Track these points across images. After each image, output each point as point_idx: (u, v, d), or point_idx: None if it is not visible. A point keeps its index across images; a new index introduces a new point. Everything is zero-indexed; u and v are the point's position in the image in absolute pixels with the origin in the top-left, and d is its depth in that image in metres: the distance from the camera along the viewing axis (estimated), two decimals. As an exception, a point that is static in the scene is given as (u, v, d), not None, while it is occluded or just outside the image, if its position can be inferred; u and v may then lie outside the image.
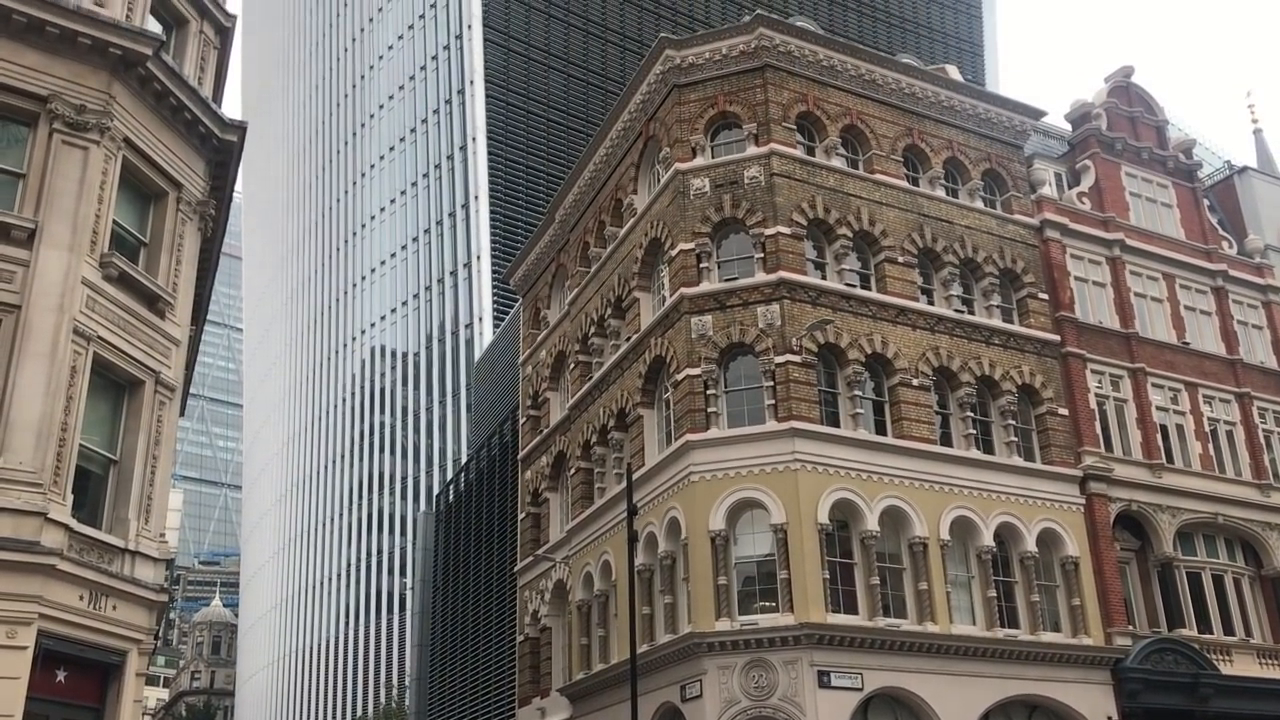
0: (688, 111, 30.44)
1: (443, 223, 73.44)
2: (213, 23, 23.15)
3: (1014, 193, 33.26)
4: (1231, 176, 41.81)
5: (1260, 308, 37.49)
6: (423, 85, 77.11)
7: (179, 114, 21.14)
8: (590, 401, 33.45)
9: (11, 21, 18.84)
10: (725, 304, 28.07)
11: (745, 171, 29.20)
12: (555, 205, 38.08)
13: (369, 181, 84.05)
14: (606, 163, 34.50)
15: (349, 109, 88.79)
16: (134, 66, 19.98)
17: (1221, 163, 57.59)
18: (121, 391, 19.79)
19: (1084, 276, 33.86)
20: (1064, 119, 37.61)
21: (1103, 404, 32.34)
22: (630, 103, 32.78)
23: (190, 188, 21.54)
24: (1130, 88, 38.33)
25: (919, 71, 32.87)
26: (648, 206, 31.13)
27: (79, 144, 19.17)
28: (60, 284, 18.32)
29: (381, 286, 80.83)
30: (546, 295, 39.08)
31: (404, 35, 79.97)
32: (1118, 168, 36.44)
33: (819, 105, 30.66)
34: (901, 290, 29.66)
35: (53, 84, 19.18)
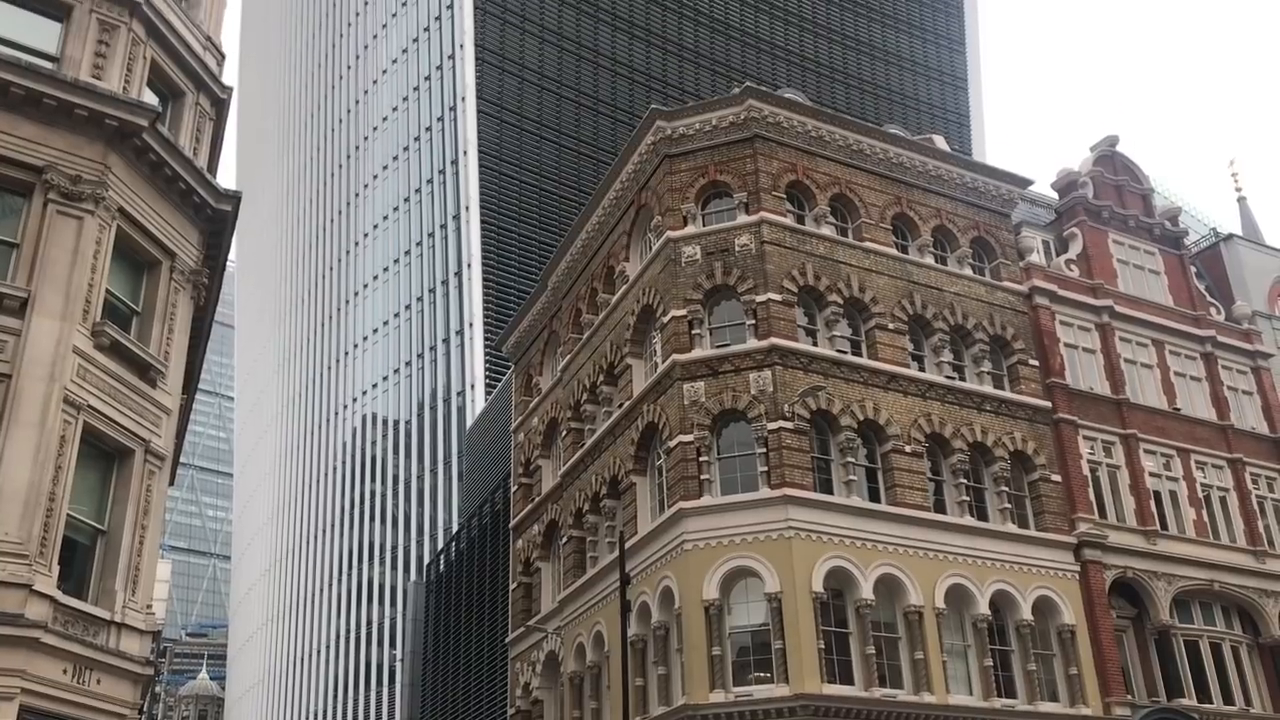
0: (679, 180, 30.75)
1: (435, 290, 73.72)
2: (209, 95, 23.41)
3: (1002, 260, 33.54)
4: (1217, 244, 42.25)
5: (1250, 373, 37.65)
6: (417, 155, 77.88)
7: (174, 184, 21.29)
8: (582, 469, 33.32)
9: (10, 94, 19.03)
10: (718, 370, 28.11)
11: (736, 239, 29.43)
12: (548, 273, 38.28)
13: (362, 250, 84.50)
14: (599, 231, 34.76)
15: (344, 179, 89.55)
16: (130, 137, 20.16)
17: (1207, 230, 58.24)
18: (111, 461, 19.66)
19: (1074, 343, 34.02)
20: (1050, 187, 38.06)
21: (1095, 470, 32.30)
22: (622, 172, 33.13)
23: (184, 257, 21.62)
24: (1115, 156, 38.86)
25: (906, 142, 33.31)
26: (640, 273, 31.30)
27: (74, 214, 19.26)
28: (52, 353, 18.30)
29: (374, 354, 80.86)
30: (539, 362, 39.12)
31: (399, 106, 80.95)
32: (1105, 235, 36.81)
33: (808, 174, 31.01)
34: (892, 357, 29.76)
35: (49, 155, 19.32)
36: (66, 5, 20.65)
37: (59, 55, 20.33)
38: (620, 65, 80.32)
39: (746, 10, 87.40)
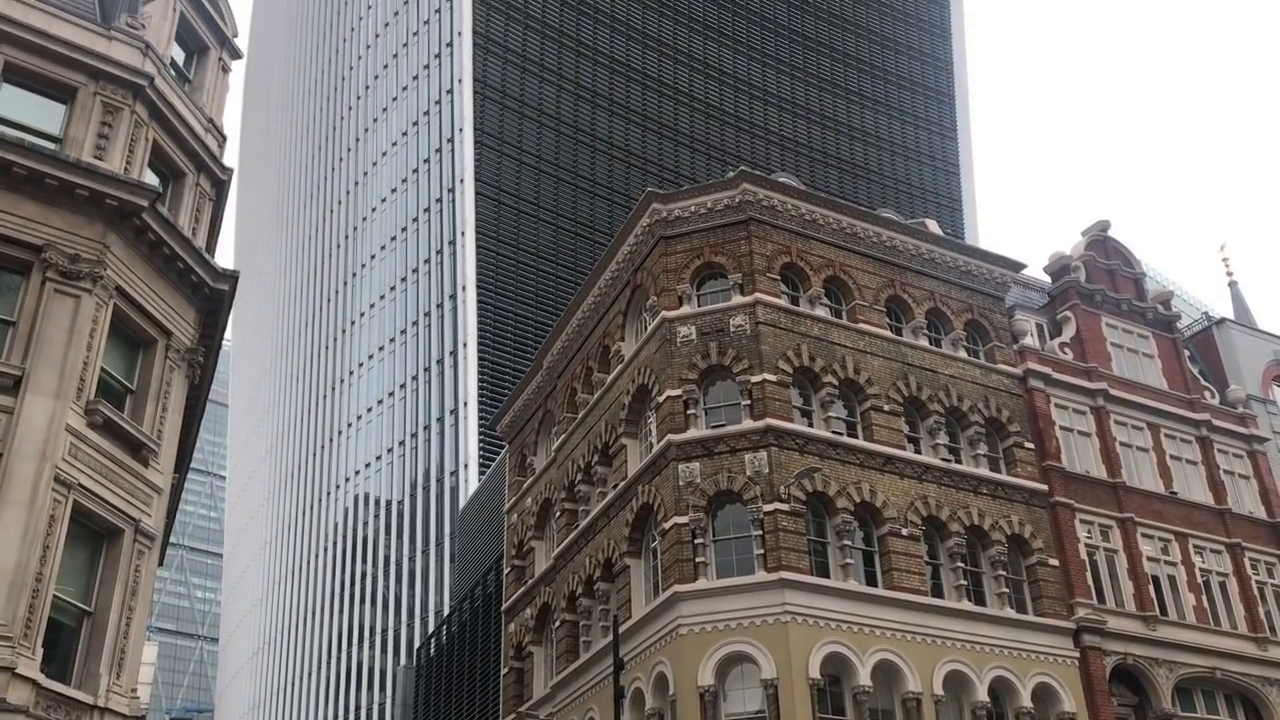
0: (674, 262, 30.96)
1: (431, 369, 73.75)
2: (209, 175, 23.62)
3: (996, 343, 33.66)
4: (1210, 328, 42.48)
5: (1246, 457, 37.57)
6: (415, 236, 78.48)
7: (172, 263, 21.38)
8: (576, 551, 33.00)
9: (12, 174, 19.19)
10: (713, 451, 28.00)
11: (731, 320, 29.54)
12: (543, 352, 38.34)
13: (358, 328, 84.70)
14: (594, 311, 34.89)
15: (341, 258, 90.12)
16: (130, 217, 20.29)
17: (1199, 314, 58.59)
18: (100, 540, 19.43)
19: (1069, 426, 33.99)
20: (1043, 271, 38.37)
21: (1093, 554, 32.05)
22: (618, 253, 33.37)
23: (180, 335, 21.63)
24: (1107, 241, 39.24)
25: (899, 225, 33.65)
26: (635, 353, 31.35)
27: (71, 292, 19.30)
28: (44, 431, 18.19)
29: (367, 433, 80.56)
30: (533, 442, 38.97)
31: (398, 188, 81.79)
32: (1098, 319, 37.01)
33: (802, 257, 31.25)
34: (888, 438, 29.69)
35: (49, 234, 19.43)
36: (71, 88, 20.94)
37: (62, 136, 20.56)
38: (617, 149, 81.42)
39: (741, 97, 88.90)
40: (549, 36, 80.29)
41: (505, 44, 77.89)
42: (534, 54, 79.19)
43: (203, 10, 24.40)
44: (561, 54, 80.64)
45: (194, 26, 24.25)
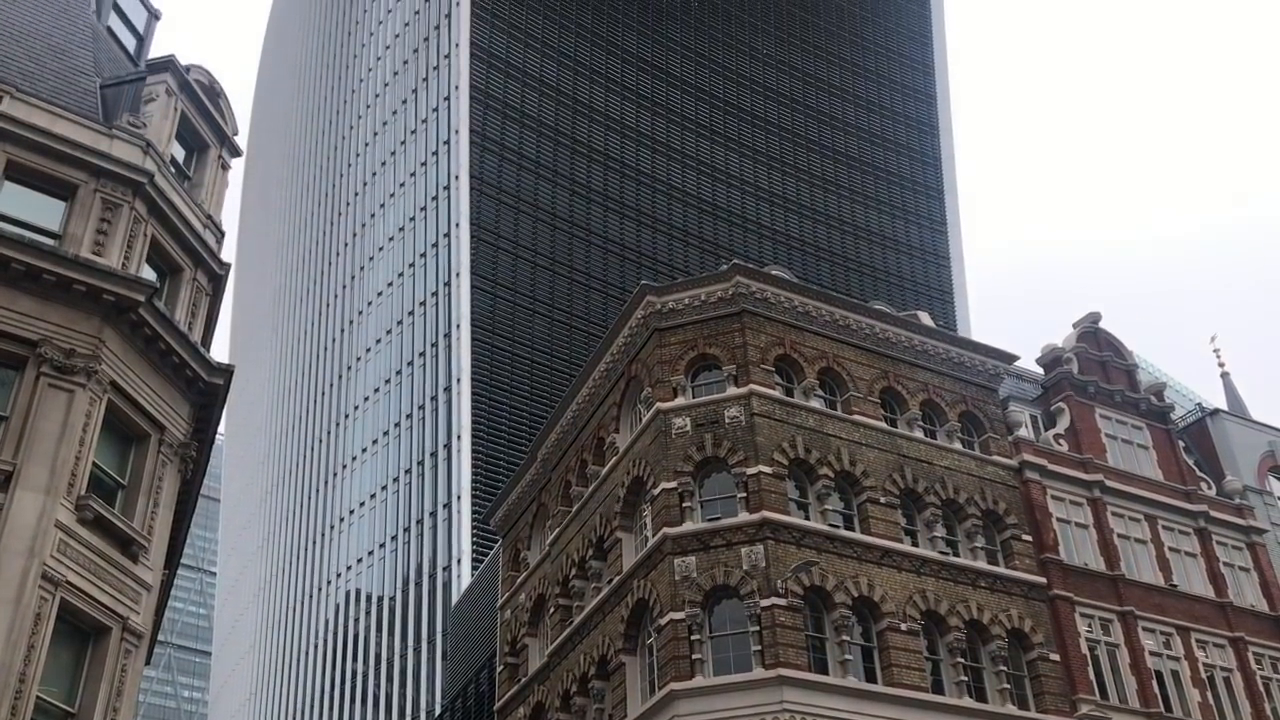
0: (669, 353, 31.07)
1: (424, 463, 73.41)
2: (206, 271, 23.78)
3: (991, 434, 33.64)
4: (1204, 418, 42.54)
5: (1245, 549, 37.31)
6: (410, 329, 78.81)
7: (167, 358, 21.40)
8: (570, 648, 32.48)
9: (10, 269, 19.32)
10: (709, 544, 27.76)
11: (726, 411, 29.53)
12: (537, 444, 38.22)
13: (352, 422, 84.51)
14: (589, 403, 34.89)
15: (337, 352, 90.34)
16: (126, 312, 20.38)
17: (1193, 404, 58.72)
18: (86, 639, 19.09)
19: (1066, 518, 33.81)
20: (1036, 363, 38.54)
21: (1094, 648, 31.61)
22: (613, 345, 33.50)
23: (173, 430, 21.56)
24: (1099, 333, 39.50)
25: (892, 317, 33.88)
26: (630, 445, 31.27)
27: (65, 387, 19.29)
28: (33, 527, 18.01)
29: (359, 528, 79.83)
30: (527, 536, 38.62)
31: (394, 282, 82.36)
32: (1092, 410, 37.06)
33: (796, 348, 31.38)
34: (885, 531, 29.48)
35: (44, 329, 19.48)
36: (72, 185, 21.19)
37: (61, 232, 20.74)
38: (611, 243, 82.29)
39: (733, 192, 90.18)
40: (545, 135, 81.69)
41: (501, 141, 79.22)
42: (530, 151, 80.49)
43: (203, 109, 24.82)
44: (557, 151, 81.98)
45: (195, 125, 24.64)
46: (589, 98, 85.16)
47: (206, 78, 25.23)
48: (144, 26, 27.48)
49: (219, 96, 25.50)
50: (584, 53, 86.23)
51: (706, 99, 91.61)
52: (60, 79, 23.10)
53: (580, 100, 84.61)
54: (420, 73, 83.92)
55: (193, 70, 24.76)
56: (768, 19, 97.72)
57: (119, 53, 26.06)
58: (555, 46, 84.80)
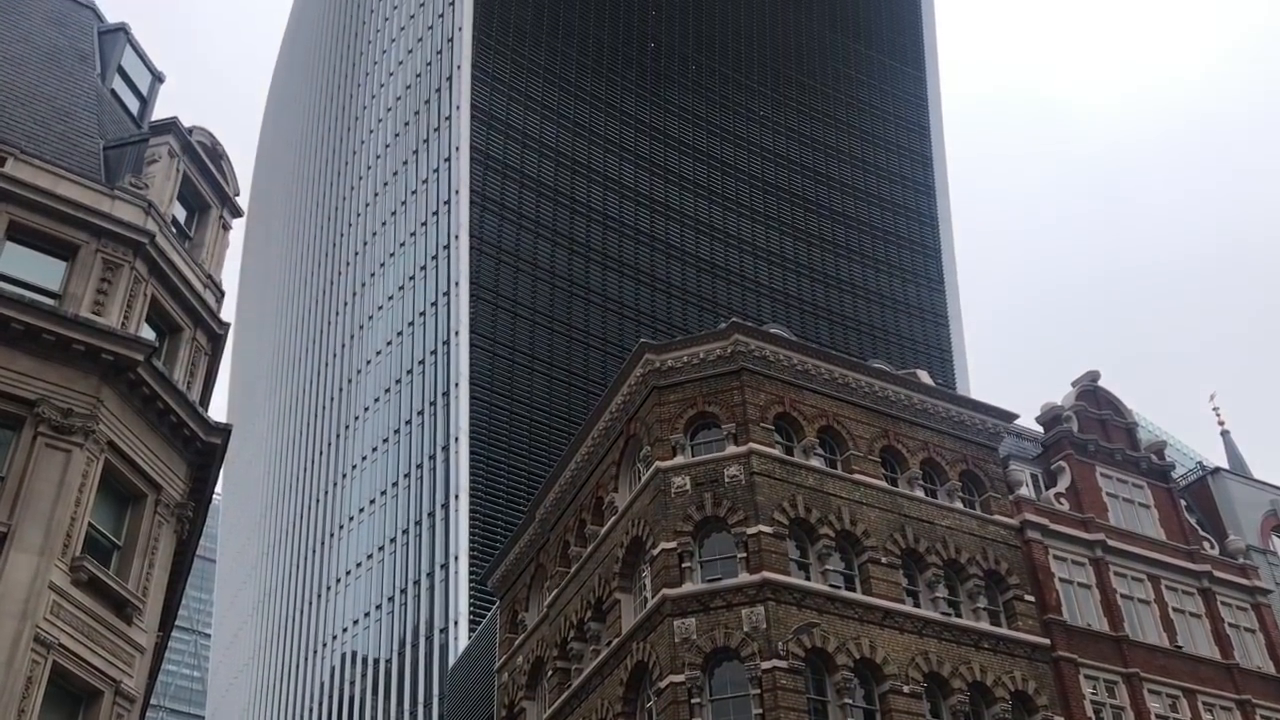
0: (668, 411, 31.01)
1: (421, 523, 72.97)
2: (206, 330, 23.82)
3: (992, 493, 33.48)
4: (1205, 477, 42.37)
5: (1250, 610, 36.95)
6: (409, 387, 78.78)
7: (165, 417, 21.35)
8: (569, 712, 32.03)
9: (9, 329, 19.33)
10: (709, 606, 27.48)
11: (726, 470, 29.40)
12: (536, 504, 38.01)
13: (350, 482, 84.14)
14: (588, 461, 34.75)
15: (335, 411, 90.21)
16: (125, 372, 20.37)
17: (1193, 463, 58.53)
18: (78, 702, 18.83)
19: (1069, 578, 33.53)
20: (1035, 421, 38.45)
21: (1099, 711, 31.17)
22: (612, 403, 33.44)
23: (170, 490, 21.44)
24: (1098, 391, 39.47)
25: (891, 376, 33.87)
26: (629, 504, 31.09)
27: (62, 447, 19.21)
28: (26, 589, 17.83)
29: (355, 589, 79.13)
30: (525, 597, 38.26)
31: (393, 341, 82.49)
32: (1092, 469, 36.92)
33: (795, 407, 31.33)
34: (887, 592, 29.21)
35: (43, 389, 19.44)
36: (73, 245, 21.29)
37: (62, 292, 20.80)
38: (610, 301, 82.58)
39: (731, 252, 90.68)
40: (544, 194, 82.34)
41: (501, 201, 79.81)
42: (529, 210, 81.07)
43: (205, 170, 25.01)
44: (556, 210, 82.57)
45: (196, 186, 24.82)
46: (588, 158, 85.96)
47: (209, 139, 25.47)
48: (148, 89, 27.79)
49: (221, 158, 25.72)
50: (584, 114, 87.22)
51: (705, 159, 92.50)
52: (64, 141, 23.31)
53: (580, 161, 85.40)
54: (422, 134, 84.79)
55: (195, 132, 25.00)
56: (765, 82, 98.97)
57: (123, 115, 26.32)
58: (555, 108, 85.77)
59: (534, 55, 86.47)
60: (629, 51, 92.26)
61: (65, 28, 26.83)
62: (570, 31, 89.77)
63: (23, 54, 25.07)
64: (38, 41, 25.78)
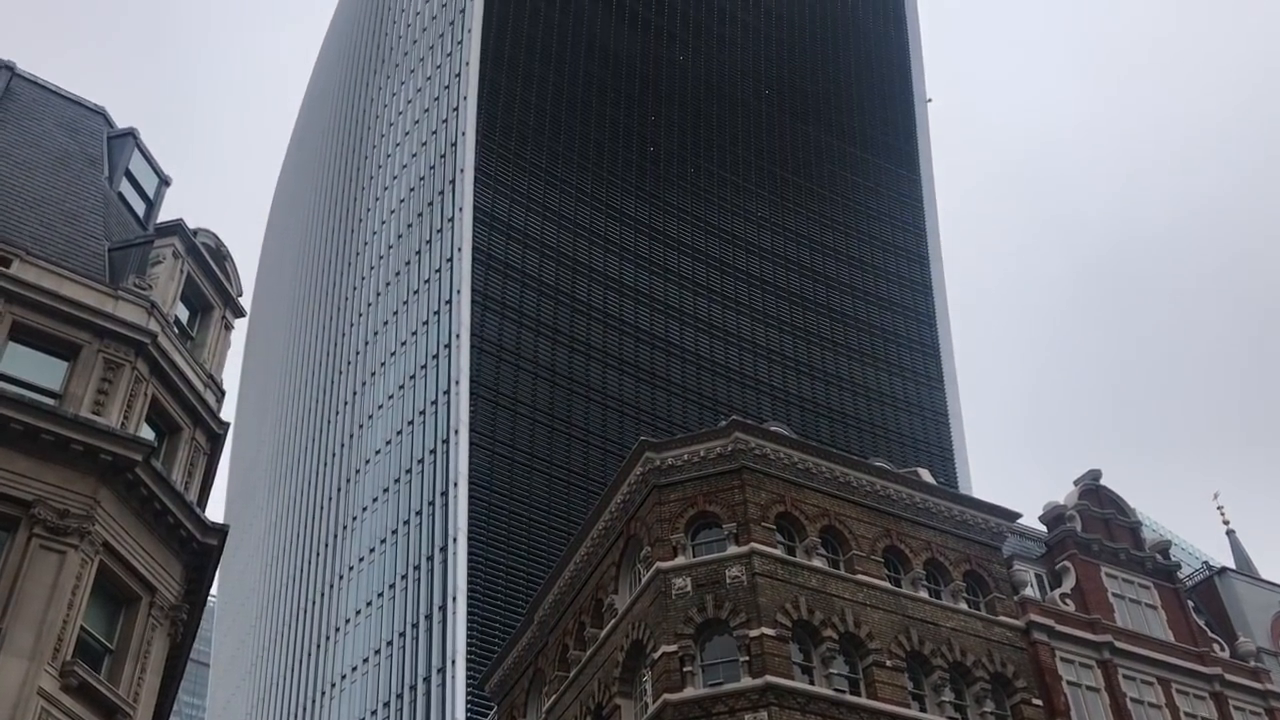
0: (668, 511, 30.78)
1: (419, 626, 71.90)
2: (205, 430, 23.77)
3: (997, 594, 33.06)
4: (1212, 577, 41.88)
5: (1264, 715, 36.17)
6: (408, 487, 78.37)
7: (162, 518, 21.18)
8: (568, 821, 31.19)
9: (8, 429, 19.29)
10: (711, 711, 26.93)
11: (727, 571, 29.07)
12: (534, 606, 37.50)
13: (346, 583, 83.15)
14: (587, 562, 34.38)
15: (333, 511, 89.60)
16: (123, 472, 20.27)
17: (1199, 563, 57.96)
18: (62, 814, 18.31)
19: (1076, 680, 32.91)
20: (1038, 520, 38.14)
21: (1114, 820, 30.33)
22: (611, 502, 33.22)
23: (165, 592, 21.16)
24: (1100, 490, 39.24)
25: (892, 475, 33.72)
26: (629, 606, 30.67)
27: (57, 549, 19.01)
28: (15, 695, 17.47)
29: (350, 695, 77.61)
30: (523, 703, 37.51)
31: (392, 440, 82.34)
32: (1097, 568, 36.51)
33: (797, 506, 31.11)
34: (892, 696, 28.66)
35: (40, 489, 19.32)
36: (75, 345, 21.37)
37: (62, 391, 20.81)
38: (610, 399, 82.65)
39: (731, 349, 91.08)
40: (545, 294, 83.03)
41: (502, 300, 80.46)
42: (530, 309, 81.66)
43: (209, 271, 25.25)
44: (557, 309, 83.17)
45: (200, 287, 25.02)
46: (589, 258, 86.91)
47: (213, 241, 25.76)
48: (154, 192, 28.21)
49: (225, 259, 25.99)
50: (584, 215, 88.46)
51: (704, 259, 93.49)
52: (70, 242, 23.57)
53: (580, 260, 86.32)
54: (425, 235, 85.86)
55: (200, 233, 25.29)
56: (762, 184, 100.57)
57: (129, 217, 26.67)
58: (556, 210, 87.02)
59: (535, 158, 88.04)
60: (629, 154, 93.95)
61: (76, 133, 27.36)
62: (571, 135, 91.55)
63: (33, 158, 25.52)
64: (48, 146, 26.25)
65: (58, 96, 28.31)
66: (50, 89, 28.34)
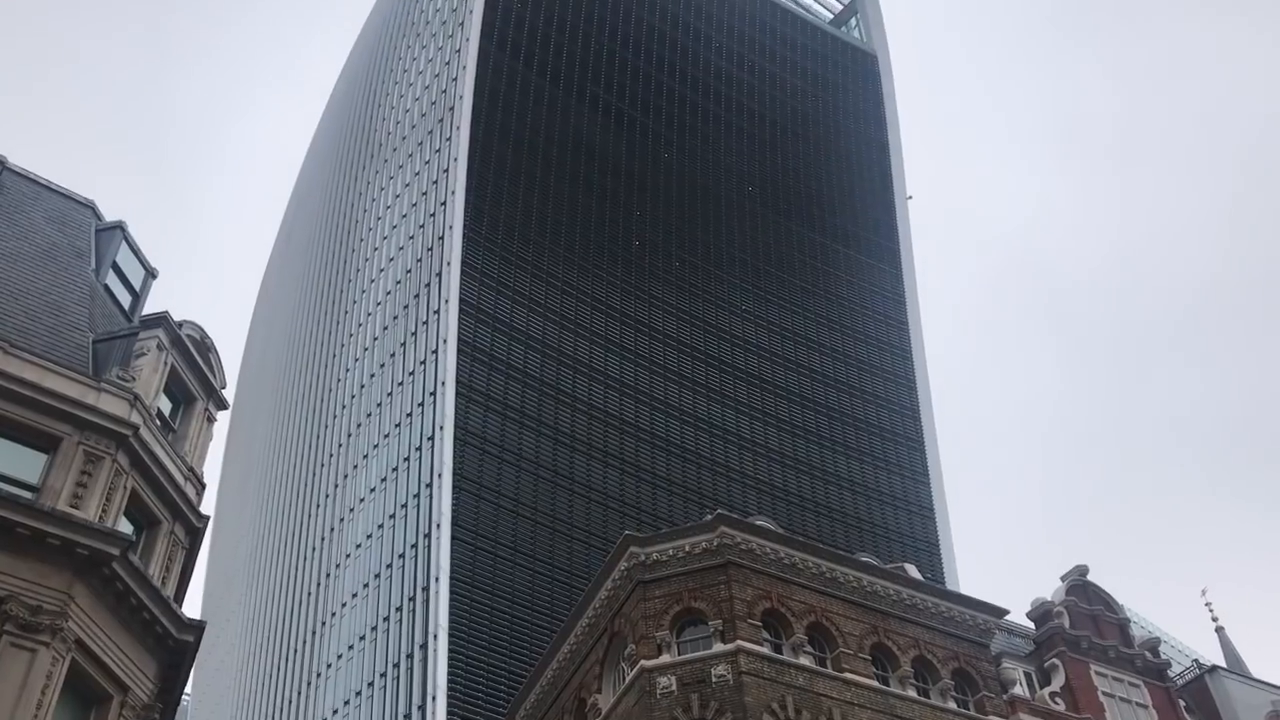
0: (653, 608, 30.38)
1: (397, 724, 70.25)
2: (185, 524, 23.48)
3: (986, 692, 32.58)
4: (1203, 676, 41.40)
5: (1260, 817, 35.52)
6: (388, 582, 77.28)
7: (137, 614, 20.79)
8: None
9: (-16, 523, 19.02)
10: (695, 816, 26.25)
11: (713, 669, 28.61)
12: (515, 706, 36.76)
13: (325, 681, 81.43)
14: (570, 660, 33.81)
15: (311, 606, 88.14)
16: (99, 566, 19.95)
17: (1189, 660, 57.36)
18: None
19: (1070, 782, 32.29)
20: (1026, 617, 37.77)
21: None
22: (595, 599, 32.79)
23: (138, 691, 20.67)
24: (1088, 586, 38.97)
25: (880, 570, 33.45)
26: (613, 706, 30.08)
27: (28, 646, 18.61)
28: (-22, 799, 16.95)
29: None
30: (504, 806, 36.56)
31: (373, 533, 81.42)
32: (1086, 666, 36.07)
33: (783, 602, 30.77)
34: (881, 799, 28.02)
35: (13, 585, 18.97)
36: (55, 437, 21.19)
37: (40, 485, 20.56)
38: (594, 492, 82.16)
39: (716, 442, 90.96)
40: (530, 385, 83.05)
41: (487, 392, 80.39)
42: (515, 401, 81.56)
43: (193, 364, 25.20)
44: (541, 401, 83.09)
45: (184, 379, 24.95)
46: (574, 350, 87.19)
47: (198, 333, 25.76)
48: (141, 284, 28.30)
49: (209, 351, 25.96)
50: (570, 308, 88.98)
51: (689, 352, 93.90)
52: (55, 335, 23.53)
53: (565, 353, 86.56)
54: (410, 327, 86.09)
55: (185, 325, 25.30)
56: (746, 278, 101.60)
57: (114, 309, 26.69)
58: (542, 302, 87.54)
59: (522, 251, 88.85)
60: (614, 248, 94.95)
61: (65, 226, 27.52)
62: (557, 229, 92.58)
63: (20, 250, 25.61)
64: (36, 239, 26.38)
65: (47, 190, 28.54)
66: (40, 183, 28.60)
